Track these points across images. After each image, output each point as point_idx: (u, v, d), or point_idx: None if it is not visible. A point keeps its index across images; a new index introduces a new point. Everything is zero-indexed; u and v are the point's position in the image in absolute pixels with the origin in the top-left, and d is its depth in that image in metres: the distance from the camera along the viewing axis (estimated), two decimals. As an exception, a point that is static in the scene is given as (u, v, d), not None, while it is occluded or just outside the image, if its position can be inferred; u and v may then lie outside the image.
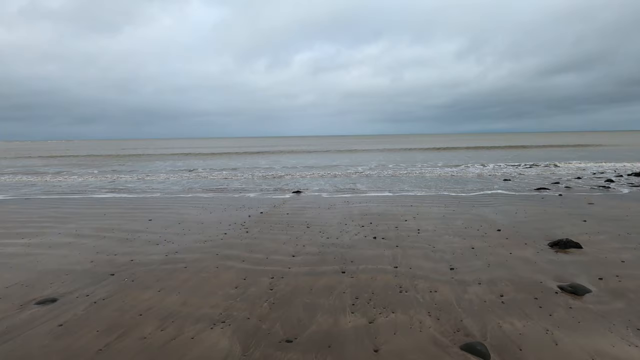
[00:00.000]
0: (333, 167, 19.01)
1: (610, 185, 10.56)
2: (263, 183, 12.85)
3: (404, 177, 13.98)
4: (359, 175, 14.85)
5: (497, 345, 2.68)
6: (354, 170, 16.95)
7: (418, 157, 26.47)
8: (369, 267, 4.31)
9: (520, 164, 18.49)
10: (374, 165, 20.12)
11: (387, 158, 25.73)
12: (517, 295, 3.51)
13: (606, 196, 8.83)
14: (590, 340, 2.72)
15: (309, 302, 3.45)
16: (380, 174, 15.14)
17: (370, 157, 26.61)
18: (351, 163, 21.73)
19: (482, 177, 13.48)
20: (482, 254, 4.71)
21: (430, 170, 16.36)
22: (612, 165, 17.23)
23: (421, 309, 3.26)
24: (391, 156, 27.52)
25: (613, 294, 3.47)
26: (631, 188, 10.05)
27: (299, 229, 6.11)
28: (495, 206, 7.79)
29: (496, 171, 15.37)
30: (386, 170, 16.37)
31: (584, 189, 10.10)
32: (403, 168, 17.60)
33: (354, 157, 26.78)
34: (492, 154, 28.29)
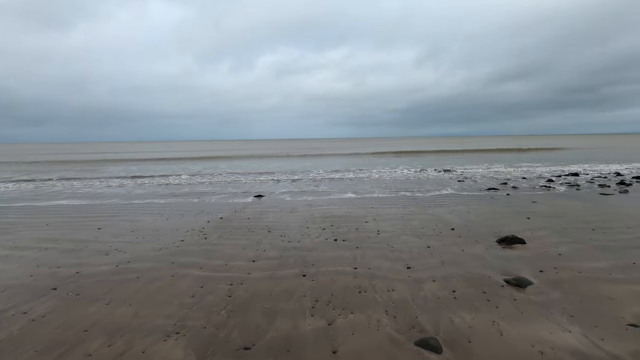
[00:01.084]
0: (296, 170, 18.98)
1: (551, 185, 11.49)
2: (224, 187, 12.53)
3: (365, 179, 14.27)
4: (322, 178, 14.96)
5: (449, 339, 2.81)
6: (316, 173, 17.04)
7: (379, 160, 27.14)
8: (330, 269, 4.35)
9: (473, 167, 19.56)
10: (336, 168, 20.35)
11: (349, 161, 26.14)
12: (468, 290, 3.70)
13: (547, 195, 9.59)
14: (531, 328, 2.93)
15: (268, 307, 3.41)
16: (342, 177, 15.34)
17: (333, 161, 26.90)
18: (314, 166, 21.83)
19: (439, 178, 14.10)
20: (437, 252, 4.92)
21: (390, 172, 16.85)
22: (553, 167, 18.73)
23: (379, 308, 3.34)
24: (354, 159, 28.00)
25: (551, 285, 3.77)
26: (567, 187, 11.00)
27: (259, 234, 6.03)
28: (450, 206, 8.18)
29: (451, 173, 16.15)
30: (348, 174, 16.62)
31: (528, 188, 10.89)
32: (365, 171, 17.96)
33: (317, 161, 26.93)
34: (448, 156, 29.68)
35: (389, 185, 12.41)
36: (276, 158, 29.76)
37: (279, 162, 25.80)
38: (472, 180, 13.36)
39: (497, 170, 17.27)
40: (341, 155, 31.61)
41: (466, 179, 13.55)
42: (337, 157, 29.67)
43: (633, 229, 5.78)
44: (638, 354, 2.55)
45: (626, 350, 2.60)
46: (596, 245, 5.04)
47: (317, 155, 31.93)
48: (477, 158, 26.82)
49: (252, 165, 23.11)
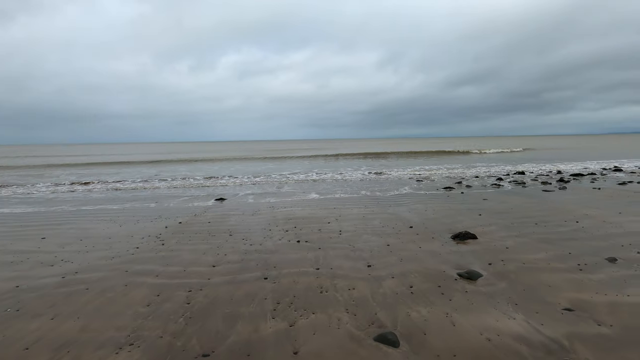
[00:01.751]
0: (259, 172, 18.76)
1: (500, 183, 12.30)
2: (183, 191, 12.10)
3: (328, 181, 14.42)
4: (285, 180, 14.91)
5: (406, 333, 2.92)
6: (279, 175, 16.95)
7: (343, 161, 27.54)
8: (292, 270, 4.35)
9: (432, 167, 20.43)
10: (300, 170, 20.38)
11: (313, 163, 26.27)
12: (424, 285, 3.87)
13: (496, 192, 10.25)
14: (480, 318, 3.13)
15: (228, 312, 3.35)
16: (305, 178, 15.39)
17: (297, 162, 26.89)
18: (277, 168, 21.70)
19: (399, 179, 14.58)
20: (396, 250, 5.09)
21: (353, 173, 17.15)
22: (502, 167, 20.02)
23: (340, 307, 3.40)
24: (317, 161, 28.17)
25: (499, 277, 4.04)
26: (514, 185, 11.83)
27: (220, 238, 5.90)
28: (409, 205, 8.49)
29: (411, 173, 16.76)
30: (312, 175, 16.70)
31: (480, 187, 11.57)
32: (328, 172, 18.14)
33: (280, 163, 26.79)
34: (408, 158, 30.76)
35: (351, 186, 12.64)
36: (238, 160, 29.19)
37: (242, 165, 25.35)
38: (430, 180, 13.96)
39: (453, 170, 18.16)
40: (305, 157, 31.67)
41: (425, 179, 14.12)
42: (301, 159, 29.69)
43: (569, 222, 6.34)
44: (571, 335, 2.81)
45: (561, 332, 2.85)
46: (538, 238, 5.47)
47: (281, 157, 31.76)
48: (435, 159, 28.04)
49: (214, 168, 22.51)
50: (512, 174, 15.41)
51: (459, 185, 12.05)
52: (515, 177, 14.40)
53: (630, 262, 4.34)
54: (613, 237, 5.36)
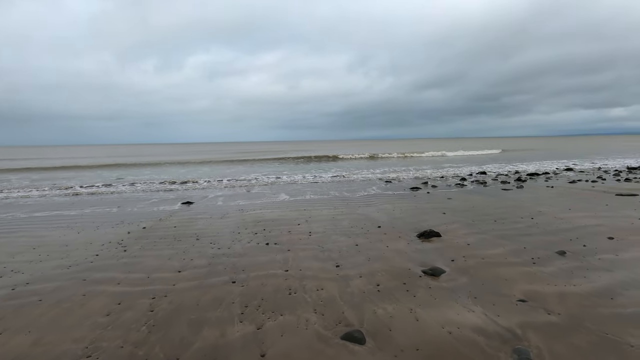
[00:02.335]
0: (228, 175, 18.43)
1: (463, 183, 12.85)
2: (148, 195, 11.66)
3: (299, 182, 14.43)
4: (255, 182, 14.75)
5: (372, 330, 3.00)
6: (249, 177, 16.74)
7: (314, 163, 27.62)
8: (260, 273, 4.33)
9: (401, 168, 20.97)
10: (270, 171, 20.23)
11: (283, 164, 26.17)
12: (390, 283, 3.97)
13: (460, 192, 10.70)
14: (442, 312, 3.26)
15: (194, 317, 3.28)
16: (276, 180, 15.31)
17: (267, 164, 26.68)
18: (247, 171, 21.42)
19: (368, 180, 14.85)
20: (364, 249, 5.19)
21: (324, 175, 17.26)
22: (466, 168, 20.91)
23: (308, 307, 3.43)
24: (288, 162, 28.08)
25: (460, 272, 4.22)
26: (477, 185, 12.40)
27: (187, 242, 5.75)
28: (377, 205, 8.68)
29: (381, 175, 17.11)
30: (282, 177, 16.64)
31: (445, 187, 12.03)
32: (299, 174, 18.15)
33: (251, 165, 26.46)
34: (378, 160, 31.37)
35: (321, 187, 12.71)
36: (207, 163, 28.48)
37: (210, 167, 24.78)
38: (398, 181, 14.32)
39: (420, 171, 18.74)
40: (275, 159, 31.45)
41: (393, 180, 14.48)
42: (271, 161, 29.45)
43: (525, 219, 6.75)
44: (524, 324, 2.99)
45: (515, 322, 3.04)
46: (496, 234, 5.77)
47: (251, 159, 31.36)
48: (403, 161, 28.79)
49: (181, 171, 21.85)
50: (475, 174, 16.15)
51: (425, 185, 12.45)
52: (478, 177, 15.10)
53: (577, 254, 4.68)
54: (563, 232, 5.76)
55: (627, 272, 4.03)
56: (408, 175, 16.15)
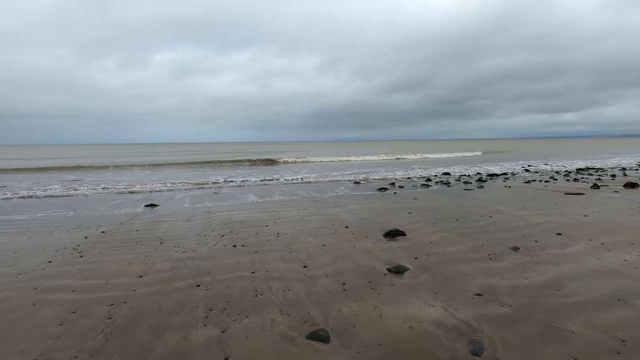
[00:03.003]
0: (195, 176, 17.95)
1: (428, 184, 13.31)
2: (108, 198, 11.12)
3: (268, 183, 14.33)
4: (223, 184, 14.47)
5: (337, 328, 3.05)
6: (218, 178, 16.40)
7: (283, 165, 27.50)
8: (226, 276, 4.26)
9: (371, 170, 21.36)
10: (239, 172, 19.94)
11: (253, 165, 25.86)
12: (356, 281, 4.05)
13: (425, 192, 11.08)
14: (404, 308, 3.38)
15: (156, 323, 3.18)
16: (244, 181, 15.11)
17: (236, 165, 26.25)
18: (215, 172, 20.97)
19: (338, 181, 15.01)
20: (332, 249, 5.25)
21: (293, 176, 17.25)
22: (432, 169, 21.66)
23: (274, 308, 3.42)
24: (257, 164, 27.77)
25: (423, 269, 4.38)
26: (441, 185, 12.89)
27: (149, 246, 5.55)
28: (346, 206, 8.80)
29: (349, 176, 17.34)
30: (251, 178, 16.44)
31: (411, 187, 12.40)
32: (268, 175, 18.02)
33: (219, 166, 25.91)
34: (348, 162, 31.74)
35: (291, 188, 12.70)
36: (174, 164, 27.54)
37: (177, 168, 24.01)
38: (366, 182, 14.59)
39: (388, 172, 19.19)
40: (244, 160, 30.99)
41: (362, 181, 14.72)
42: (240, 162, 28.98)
43: (484, 217, 7.11)
44: (479, 317, 3.16)
45: (471, 315, 3.20)
46: (458, 232, 6.04)
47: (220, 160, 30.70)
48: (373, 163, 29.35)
49: (145, 172, 21.01)
50: (440, 175, 16.77)
51: (392, 186, 12.77)
52: (442, 177, 15.70)
53: (529, 250, 5.00)
54: (517, 229, 6.12)
55: (572, 265, 4.36)
56: (375, 177, 16.49)
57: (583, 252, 4.85)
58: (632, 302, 3.37)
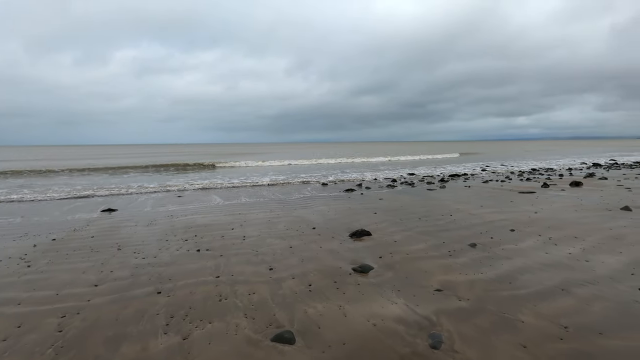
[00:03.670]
0: (157, 179, 17.27)
1: (394, 184, 13.67)
2: (61, 204, 10.43)
3: (235, 185, 14.07)
4: (187, 186, 14.03)
5: (302, 329, 3.06)
6: (181, 181, 15.88)
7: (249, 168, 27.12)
8: (189, 281, 4.14)
9: (334, 172, 21.57)
10: (204, 175, 19.42)
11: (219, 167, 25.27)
12: (322, 282, 4.08)
13: (390, 192, 11.37)
14: (368, 306, 3.45)
15: (112, 334, 3.03)
16: (210, 184, 14.74)
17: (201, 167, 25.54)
18: (179, 174, 20.29)
19: (305, 183, 15.03)
20: (298, 251, 5.25)
21: (260, 178, 17.07)
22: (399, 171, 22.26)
23: (238, 312, 3.37)
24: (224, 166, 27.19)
25: (387, 268, 4.50)
26: (405, 185, 13.29)
27: (106, 253, 5.27)
28: (313, 207, 8.84)
29: (318, 178, 17.43)
30: (216, 180, 16.07)
31: (377, 188, 12.68)
32: (234, 177, 17.70)
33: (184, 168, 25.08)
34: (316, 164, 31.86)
35: (258, 191, 12.56)
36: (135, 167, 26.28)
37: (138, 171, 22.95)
38: (334, 183, 14.73)
39: (355, 173, 19.49)
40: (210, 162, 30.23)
41: (329, 183, 14.85)
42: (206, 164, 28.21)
43: (445, 216, 7.41)
44: (439, 311, 3.30)
45: (431, 310, 3.33)
46: (420, 231, 6.26)
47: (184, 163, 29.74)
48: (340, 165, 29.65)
49: (103, 176, 19.91)
50: (405, 176, 17.28)
51: (359, 187, 12.98)
52: (407, 178, 16.19)
53: (485, 246, 5.28)
54: (475, 227, 6.44)
55: (524, 259, 4.66)
56: (343, 178, 16.70)
57: (533, 246, 5.20)
58: (574, 291, 3.66)
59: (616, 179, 13.43)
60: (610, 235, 5.62)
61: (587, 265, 4.39)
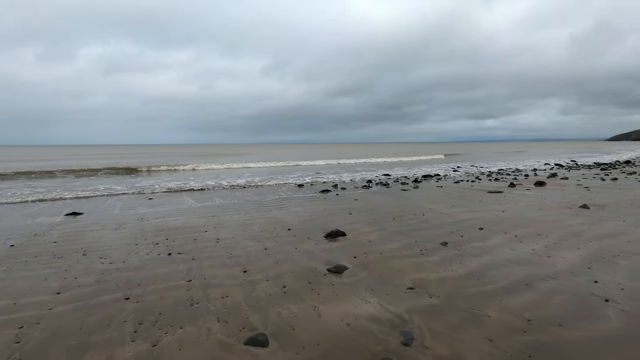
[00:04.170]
0: (128, 181, 16.65)
1: (369, 185, 13.86)
2: (19, 207, 9.84)
3: (209, 187, 13.79)
4: (159, 188, 13.61)
5: (276, 332, 3.04)
6: (152, 183, 15.39)
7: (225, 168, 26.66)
8: (160, 286, 4.02)
9: (310, 173, 21.60)
10: (176, 176, 18.92)
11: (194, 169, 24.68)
12: (297, 283, 4.08)
13: (365, 193, 11.52)
14: (343, 306, 3.48)
15: (75, 343, 2.89)
16: (183, 185, 14.37)
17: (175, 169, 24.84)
18: (151, 176, 19.66)
19: (281, 184, 14.96)
20: (273, 252, 5.22)
21: (235, 180, 16.83)
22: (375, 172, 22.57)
23: (211, 317, 3.31)
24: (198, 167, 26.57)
25: (361, 267, 4.55)
26: (380, 186, 13.50)
27: (70, 259, 5.02)
28: (289, 208, 8.81)
29: (294, 180, 17.39)
30: (190, 182, 15.70)
31: (353, 189, 12.81)
32: (208, 179, 17.35)
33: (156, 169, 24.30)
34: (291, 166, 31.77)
35: (233, 192, 12.38)
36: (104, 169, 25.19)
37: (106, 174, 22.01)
38: (310, 184, 14.74)
39: (332, 174, 19.60)
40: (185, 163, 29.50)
41: (305, 184, 14.85)
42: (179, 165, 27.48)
43: (417, 216, 7.59)
44: (410, 309, 3.38)
45: (403, 308, 3.41)
46: (394, 230, 6.37)
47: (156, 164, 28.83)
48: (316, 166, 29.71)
49: (68, 177, 18.96)
50: (380, 176, 17.56)
51: (335, 188, 13.07)
52: (382, 179, 16.46)
53: (456, 244, 5.45)
54: (446, 226, 6.64)
55: (491, 256, 4.85)
56: (319, 179, 16.75)
57: (500, 244, 5.42)
58: (536, 286, 3.85)
59: (576, 179, 14.23)
60: (570, 232, 5.94)
61: (548, 260, 4.62)
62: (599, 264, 4.42)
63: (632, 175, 14.92)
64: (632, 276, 4.02)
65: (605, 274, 4.09)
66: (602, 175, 15.22)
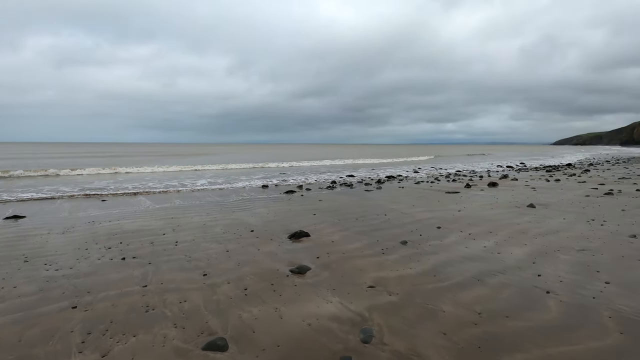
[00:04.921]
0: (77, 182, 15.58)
1: (334, 186, 14.00)
2: (-50, 210, 8.88)
3: (169, 188, 13.25)
4: (114, 190, 12.87)
5: (236, 335, 2.98)
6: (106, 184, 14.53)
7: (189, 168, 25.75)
8: (111, 293, 3.80)
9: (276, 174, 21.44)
10: (132, 177, 17.99)
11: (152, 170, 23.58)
12: (258, 285, 4.03)
13: (330, 194, 11.62)
14: (304, 307, 3.48)
15: (13, 358, 2.66)
16: (139, 187, 13.70)
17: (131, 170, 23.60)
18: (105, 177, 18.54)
19: (245, 185, 14.71)
20: (235, 254, 5.12)
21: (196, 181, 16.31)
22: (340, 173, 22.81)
23: (167, 323, 3.18)
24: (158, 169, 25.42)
25: (324, 267, 4.58)
26: (344, 187, 13.69)
27: (10, 266, 4.61)
28: (252, 210, 8.68)
29: (257, 181, 17.16)
30: (146, 183, 14.99)
31: (318, 190, 12.87)
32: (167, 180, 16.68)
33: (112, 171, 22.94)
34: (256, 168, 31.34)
35: (193, 194, 11.98)
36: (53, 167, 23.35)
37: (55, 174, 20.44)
38: (274, 185, 14.62)
39: (297, 175, 19.57)
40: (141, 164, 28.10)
41: (270, 184, 14.71)
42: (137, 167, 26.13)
43: (380, 216, 7.78)
44: (371, 307, 3.45)
45: (364, 306, 3.48)
46: (357, 231, 6.49)
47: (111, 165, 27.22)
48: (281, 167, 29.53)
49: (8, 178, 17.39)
50: (344, 177, 17.80)
51: (299, 189, 13.06)
52: (346, 179, 16.69)
53: (415, 243, 5.65)
54: (406, 225, 6.87)
55: (447, 254, 5.08)
56: (284, 180, 16.66)
57: (455, 242, 5.69)
58: (487, 281, 4.09)
59: (524, 180, 15.28)
60: (517, 230, 6.37)
61: (498, 256, 4.93)
62: (542, 259, 4.78)
63: (572, 177, 16.27)
64: (571, 269, 4.39)
65: (548, 268, 4.43)
66: (547, 177, 16.46)
